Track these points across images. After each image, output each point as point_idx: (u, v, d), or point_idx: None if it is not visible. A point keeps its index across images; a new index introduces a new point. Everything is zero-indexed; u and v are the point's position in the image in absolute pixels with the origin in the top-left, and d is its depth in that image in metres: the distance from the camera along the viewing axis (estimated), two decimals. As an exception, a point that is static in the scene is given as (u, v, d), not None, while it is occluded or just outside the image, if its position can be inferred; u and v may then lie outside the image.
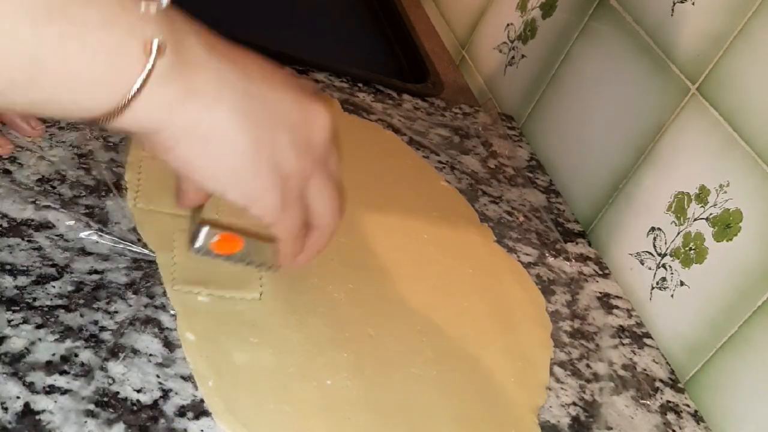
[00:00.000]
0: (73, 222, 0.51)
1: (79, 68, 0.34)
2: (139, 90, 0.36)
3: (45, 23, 0.32)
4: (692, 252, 0.69)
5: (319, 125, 0.45)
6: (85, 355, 0.43)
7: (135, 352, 0.45)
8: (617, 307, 0.72)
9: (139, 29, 0.35)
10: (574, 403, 0.58)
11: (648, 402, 0.62)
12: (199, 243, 0.45)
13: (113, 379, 0.43)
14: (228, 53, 0.40)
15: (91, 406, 0.41)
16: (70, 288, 0.47)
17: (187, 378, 0.45)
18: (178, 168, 0.41)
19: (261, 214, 0.44)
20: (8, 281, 0.45)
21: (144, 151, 0.43)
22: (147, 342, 0.46)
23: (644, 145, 0.77)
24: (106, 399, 0.42)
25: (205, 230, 0.45)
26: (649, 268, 0.73)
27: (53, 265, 0.47)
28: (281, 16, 0.97)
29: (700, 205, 0.69)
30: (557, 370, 0.60)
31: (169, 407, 0.43)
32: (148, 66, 0.35)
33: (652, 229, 0.74)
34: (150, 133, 0.39)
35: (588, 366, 0.62)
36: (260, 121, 0.41)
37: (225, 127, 0.40)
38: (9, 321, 0.43)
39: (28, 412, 0.39)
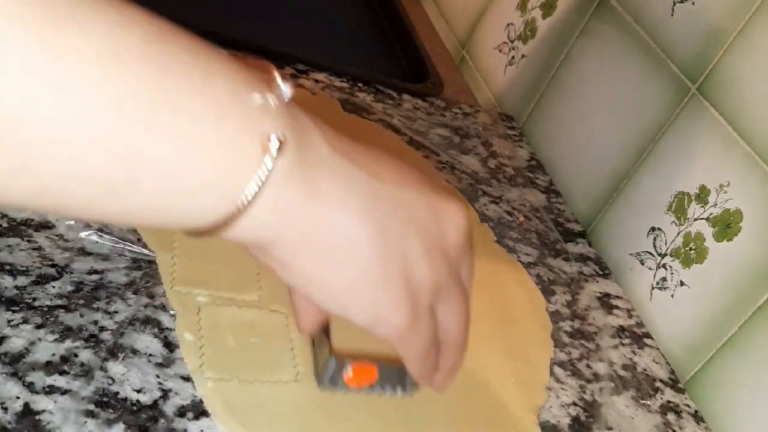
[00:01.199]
0: (73, 222, 0.51)
1: (184, 167, 0.29)
2: (256, 195, 0.31)
3: (147, 114, 0.27)
4: (692, 252, 0.69)
5: (454, 228, 0.40)
6: (85, 355, 0.43)
7: (135, 352, 0.45)
8: (617, 307, 0.72)
9: (256, 123, 0.31)
10: (574, 404, 0.58)
11: (648, 402, 0.62)
12: (327, 380, 0.40)
13: (113, 379, 0.43)
14: (354, 152, 0.36)
15: (91, 407, 0.41)
16: (69, 288, 0.47)
17: (187, 378, 0.45)
18: (295, 284, 0.36)
19: (386, 334, 0.38)
20: (8, 281, 0.45)
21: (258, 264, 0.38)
22: (147, 342, 0.46)
23: (644, 145, 0.77)
24: (105, 399, 0.41)
25: (333, 365, 0.40)
26: (650, 268, 0.73)
27: (53, 265, 0.47)
28: (281, 16, 0.97)
29: (701, 205, 0.69)
30: (557, 370, 0.60)
31: (169, 407, 0.43)
32: (267, 166, 0.31)
33: (653, 229, 0.74)
34: (265, 244, 0.34)
35: (588, 366, 0.62)
36: (391, 227, 0.36)
37: (352, 235, 0.35)
38: (9, 321, 0.43)
39: (27, 412, 0.39)
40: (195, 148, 0.29)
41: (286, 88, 0.32)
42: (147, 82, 0.27)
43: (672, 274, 0.71)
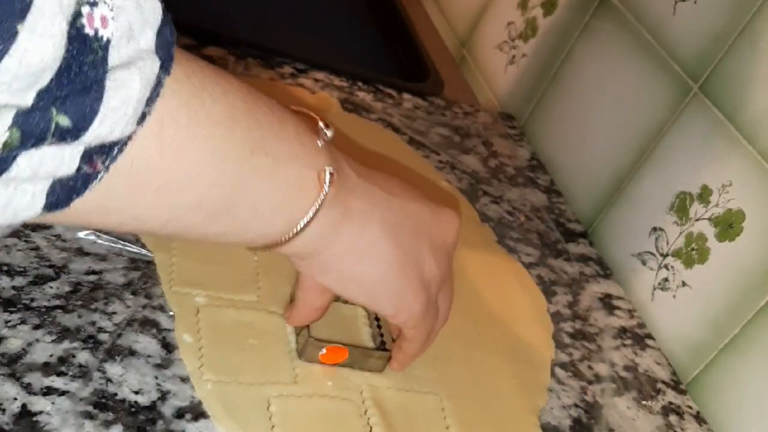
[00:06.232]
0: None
1: (267, 198, 0.37)
2: (312, 217, 0.39)
3: (247, 158, 0.35)
4: (694, 252, 0.69)
5: (451, 230, 0.48)
6: (83, 357, 0.43)
7: (133, 353, 0.45)
8: (619, 308, 0.72)
9: (314, 161, 0.39)
10: (576, 405, 0.57)
11: (650, 403, 0.62)
12: (307, 355, 0.49)
13: (111, 381, 0.42)
14: (369, 175, 0.44)
15: (89, 408, 0.40)
16: (67, 288, 0.46)
17: (185, 379, 0.45)
18: (332, 286, 0.44)
19: (404, 321, 0.46)
20: (5, 282, 0.45)
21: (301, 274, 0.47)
22: (145, 343, 0.46)
23: (646, 145, 0.76)
24: (103, 400, 0.41)
25: (313, 344, 0.48)
26: (651, 269, 0.73)
27: (51, 266, 0.47)
28: (281, 15, 0.97)
29: (703, 205, 0.69)
30: (558, 371, 0.60)
31: (167, 409, 0.43)
32: (322, 195, 0.39)
33: (654, 229, 0.74)
34: (310, 256, 0.42)
35: (589, 367, 0.62)
36: (404, 231, 0.44)
37: (377, 241, 0.43)
38: (6, 322, 0.43)
39: (25, 413, 0.39)
40: (275, 182, 0.37)
41: (329, 132, 0.40)
42: (250, 134, 0.35)
43: (674, 274, 0.71)
